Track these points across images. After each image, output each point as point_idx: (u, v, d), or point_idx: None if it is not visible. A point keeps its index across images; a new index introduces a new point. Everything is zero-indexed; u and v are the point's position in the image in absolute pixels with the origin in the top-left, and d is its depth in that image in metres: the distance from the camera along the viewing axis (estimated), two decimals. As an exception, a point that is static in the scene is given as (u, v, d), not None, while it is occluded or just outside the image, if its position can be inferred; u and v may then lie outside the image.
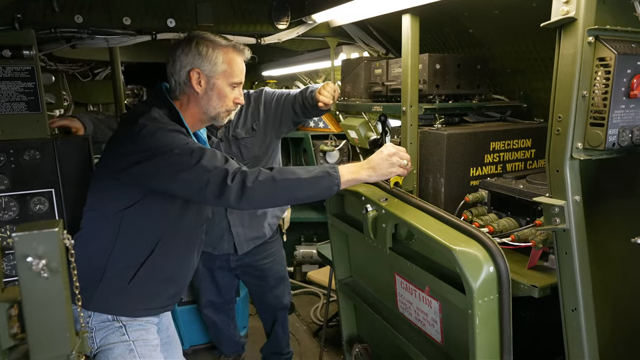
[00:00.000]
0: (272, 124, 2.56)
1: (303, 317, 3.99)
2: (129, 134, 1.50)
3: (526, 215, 1.49)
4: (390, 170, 1.55)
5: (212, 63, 1.58)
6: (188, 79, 1.58)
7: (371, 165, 1.55)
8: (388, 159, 1.55)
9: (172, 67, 1.60)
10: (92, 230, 1.60)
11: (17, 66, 1.92)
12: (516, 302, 1.57)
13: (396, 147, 1.59)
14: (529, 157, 1.83)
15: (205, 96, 1.61)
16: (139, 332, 1.61)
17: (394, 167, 1.55)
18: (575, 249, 1.15)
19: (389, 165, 1.55)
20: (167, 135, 1.46)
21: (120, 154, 1.51)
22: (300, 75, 4.14)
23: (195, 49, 1.57)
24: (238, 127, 2.52)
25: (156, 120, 1.50)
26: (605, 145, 1.10)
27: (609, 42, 1.06)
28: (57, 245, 0.66)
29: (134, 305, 1.62)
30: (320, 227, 4.44)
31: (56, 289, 0.67)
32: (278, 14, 2.33)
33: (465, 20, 1.91)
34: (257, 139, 2.54)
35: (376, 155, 1.57)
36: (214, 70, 1.59)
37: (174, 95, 1.63)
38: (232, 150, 2.52)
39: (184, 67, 1.57)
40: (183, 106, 1.63)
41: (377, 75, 2.05)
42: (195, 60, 1.57)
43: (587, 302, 1.17)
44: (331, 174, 1.49)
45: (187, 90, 1.60)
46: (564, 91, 1.11)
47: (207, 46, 1.58)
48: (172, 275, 1.70)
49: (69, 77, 4.00)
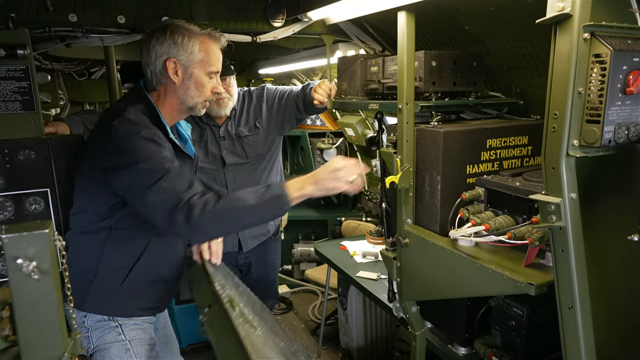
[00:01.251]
0: (275, 121, 2.57)
1: (301, 315, 3.99)
2: (100, 138, 1.47)
3: (523, 213, 1.48)
4: (334, 185, 1.49)
5: (189, 52, 1.54)
6: (164, 69, 1.54)
7: (315, 180, 1.49)
8: (333, 174, 1.49)
9: (147, 58, 1.55)
10: (82, 231, 1.60)
11: (11, 65, 1.90)
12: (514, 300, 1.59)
13: (345, 161, 1.52)
14: (525, 154, 1.83)
15: (182, 86, 1.57)
16: (135, 332, 1.60)
17: (338, 182, 1.48)
18: (571, 246, 1.15)
19: (333, 180, 1.49)
20: (136, 144, 1.42)
21: (92, 158, 1.49)
22: (297, 73, 4.13)
23: (170, 38, 1.52)
24: (240, 125, 2.52)
25: (130, 122, 1.45)
26: (602, 142, 1.09)
27: (605, 39, 1.05)
28: (47, 246, 0.65)
29: (129, 305, 1.61)
30: (318, 225, 4.45)
31: (47, 291, 0.67)
32: (273, 12, 2.32)
33: (461, 17, 1.90)
34: (260, 137, 2.54)
35: (322, 168, 1.52)
36: (190, 59, 1.55)
37: (151, 86, 1.59)
38: (235, 149, 2.52)
39: (160, 57, 1.53)
40: (160, 98, 1.60)
41: (373, 72, 2.04)
42: (171, 50, 1.53)
43: (584, 300, 1.16)
44: (280, 196, 1.45)
45: (164, 80, 1.57)
46: (559, 88, 1.10)
47: (182, 35, 1.53)
48: (165, 274, 1.70)
49: (65, 76, 3.98)
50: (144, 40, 1.57)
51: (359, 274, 2.55)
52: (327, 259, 2.88)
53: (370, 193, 3.57)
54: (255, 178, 2.62)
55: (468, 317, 1.77)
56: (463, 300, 1.76)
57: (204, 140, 2.50)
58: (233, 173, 2.54)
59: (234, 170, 2.54)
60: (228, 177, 2.54)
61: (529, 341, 1.58)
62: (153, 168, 1.40)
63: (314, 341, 3.57)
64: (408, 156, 1.74)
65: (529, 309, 1.56)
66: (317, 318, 3.86)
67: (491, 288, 1.47)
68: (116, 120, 1.46)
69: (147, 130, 1.47)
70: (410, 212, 1.80)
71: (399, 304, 1.94)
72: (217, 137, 2.50)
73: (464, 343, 1.82)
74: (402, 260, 1.84)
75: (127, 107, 1.50)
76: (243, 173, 2.57)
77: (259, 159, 2.60)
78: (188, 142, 1.76)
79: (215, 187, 2.53)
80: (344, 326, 3.10)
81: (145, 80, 1.63)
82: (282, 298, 4.12)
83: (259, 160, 2.61)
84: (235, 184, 2.56)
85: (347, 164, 1.51)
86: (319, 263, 4.19)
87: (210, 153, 2.51)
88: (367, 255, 2.80)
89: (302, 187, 1.48)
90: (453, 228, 1.61)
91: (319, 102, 2.33)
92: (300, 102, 2.49)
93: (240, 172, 2.56)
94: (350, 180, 1.50)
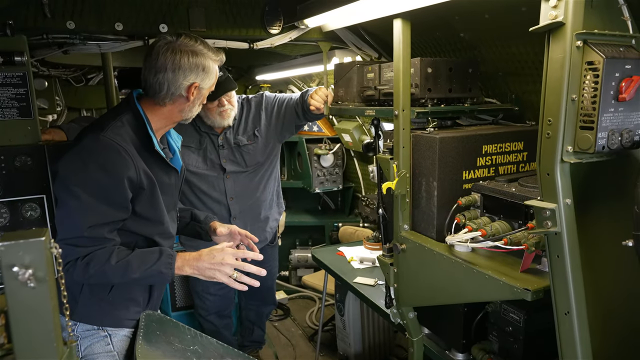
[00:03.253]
0: (275, 129, 2.58)
1: (298, 321, 3.98)
2: (69, 153, 1.50)
3: (519, 218, 1.49)
4: (212, 275, 1.55)
5: (210, 78, 1.60)
6: (186, 91, 1.57)
7: (197, 265, 1.55)
8: (215, 265, 1.54)
9: (170, 76, 1.53)
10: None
11: (8, 72, 1.91)
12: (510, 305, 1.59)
13: (231, 259, 1.56)
14: (521, 160, 1.84)
15: (191, 103, 1.61)
16: (124, 343, 1.60)
17: (217, 273, 1.55)
18: (567, 252, 1.16)
19: (213, 271, 1.55)
20: (91, 174, 1.45)
21: (59, 169, 1.52)
22: (294, 79, 4.14)
23: (201, 64, 1.56)
24: (239, 134, 2.52)
25: (100, 143, 1.47)
26: (595, 148, 1.10)
27: (597, 46, 1.07)
28: (44, 254, 0.65)
29: (117, 315, 1.61)
30: (315, 231, 4.45)
31: (43, 299, 0.67)
32: (270, 19, 2.33)
33: (456, 24, 1.91)
34: (259, 145, 2.55)
35: (208, 254, 1.57)
36: (209, 83, 1.62)
37: (160, 100, 1.58)
38: (234, 157, 2.53)
39: (186, 81, 1.55)
40: (163, 110, 1.61)
41: (370, 79, 2.05)
42: (198, 76, 1.56)
43: (580, 306, 1.17)
44: (163, 273, 1.52)
45: (178, 98, 1.59)
46: (553, 95, 1.12)
47: (207, 61, 1.58)
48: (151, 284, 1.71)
49: (62, 82, 3.98)
50: (166, 57, 1.53)
51: (356, 280, 2.55)
52: (324, 265, 2.88)
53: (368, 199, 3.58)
54: (254, 185, 2.63)
55: (465, 322, 1.77)
56: (460, 306, 1.76)
57: (203, 148, 2.50)
58: (232, 180, 2.55)
59: (233, 177, 2.55)
60: (227, 185, 2.54)
61: (527, 347, 1.58)
62: (83, 208, 1.45)
63: (311, 348, 3.56)
64: (404, 162, 1.74)
65: (526, 315, 1.56)
66: (315, 324, 3.85)
67: (488, 294, 1.47)
68: (88, 138, 1.49)
69: (114, 157, 1.47)
70: (407, 217, 1.80)
71: (396, 310, 1.94)
72: (216, 145, 2.50)
73: (461, 349, 1.82)
74: (399, 266, 1.84)
75: (109, 123, 1.51)
76: (242, 180, 2.58)
77: (257, 167, 2.61)
78: (176, 154, 1.76)
79: (215, 195, 2.53)
80: (342, 332, 3.09)
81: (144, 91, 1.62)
82: (280, 304, 4.10)
83: (258, 168, 2.61)
84: (234, 192, 2.56)
85: (231, 262, 1.55)
86: (316, 269, 4.18)
87: (209, 160, 2.51)
88: (364, 261, 2.79)
89: (182, 267, 1.55)
90: (450, 234, 1.61)
91: (316, 108, 2.35)
92: (300, 109, 2.50)
93: (240, 180, 2.57)
94: (230, 275, 1.55)
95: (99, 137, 1.47)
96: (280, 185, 2.89)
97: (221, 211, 2.56)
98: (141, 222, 1.60)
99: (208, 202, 2.54)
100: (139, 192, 1.54)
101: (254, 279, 1.58)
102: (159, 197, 1.61)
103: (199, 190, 2.53)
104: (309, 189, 4.07)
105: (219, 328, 2.93)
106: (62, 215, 1.49)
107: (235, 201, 2.57)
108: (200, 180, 2.52)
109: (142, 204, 1.57)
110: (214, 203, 2.55)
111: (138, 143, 1.55)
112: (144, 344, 1.58)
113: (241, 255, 1.59)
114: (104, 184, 1.45)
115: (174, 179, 1.71)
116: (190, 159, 2.49)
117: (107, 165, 1.45)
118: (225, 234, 1.90)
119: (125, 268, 1.48)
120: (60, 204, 1.50)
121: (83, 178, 1.44)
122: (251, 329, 3.20)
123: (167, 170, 1.66)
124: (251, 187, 2.62)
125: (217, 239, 1.92)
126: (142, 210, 1.57)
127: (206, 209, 2.53)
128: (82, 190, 1.44)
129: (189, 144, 2.47)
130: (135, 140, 1.54)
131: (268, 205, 2.75)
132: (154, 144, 1.56)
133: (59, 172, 1.49)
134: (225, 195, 2.54)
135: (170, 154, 1.74)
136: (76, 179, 1.45)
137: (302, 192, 4.30)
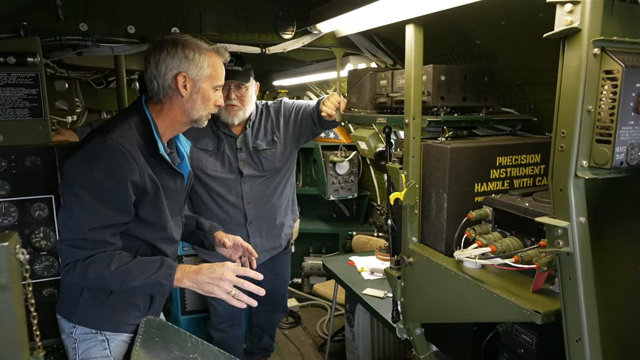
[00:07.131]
0: (292, 135, 2.57)
1: (309, 330, 3.92)
2: (75, 154, 1.49)
3: (531, 235, 1.41)
4: (211, 290, 1.52)
5: (199, 67, 1.57)
6: (174, 82, 1.55)
7: (195, 278, 1.53)
8: (214, 280, 1.52)
9: (154, 70, 1.56)
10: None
11: (21, 73, 1.93)
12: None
13: (231, 275, 1.53)
14: (537, 173, 1.75)
15: (190, 100, 1.59)
16: (122, 348, 1.58)
17: (215, 289, 1.52)
18: (579, 274, 1.07)
19: (212, 286, 1.52)
20: (95, 176, 1.44)
21: (64, 170, 1.53)
22: (311, 85, 4.12)
23: (181, 53, 1.55)
24: (258, 139, 2.52)
25: (106, 146, 1.47)
26: (612, 163, 1.02)
27: (616, 54, 0.99)
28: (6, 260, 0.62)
29: (116, 320, 1.59)
30: (329, 239, 4.39)
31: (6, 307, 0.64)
32: (283, 24, 2.31)
33: (471, 31, 1.85)
34: (277, 151, 2.54)
35: (208, 269, 1.54)
36: (200, 74, 1.58)
37: (157, 99, 1.59)
38: (252, 162, 2.52)
39: (170, 71, 1.55)
40: (164, 110, 1.60)
41: (382, 86, 2.00)
42: (182, 64, 1.55)
43: (592, 333, 1.08)
44: (162, 284, 1.50)
45: (171, 93, 1.58)
46: (567, 105, 1.04)
47: (193, 50, 1.56)
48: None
49: (83, 85, 4.05)
50: (151, 53, 1.57)
51: (365, 292, 2.48)
52: (334, 275, 2.82)
53: (382, 208, 3.50)
54: (271, 191, 2.60)
55: (475, 342, 1.69)
56: (470, 324, 1.68)
57: (221, 151, 2.49)
58: (249, 185, 2.53)
59: (250, 182, 2.53)
60: (244, 189, 2.53)
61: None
62: (85, 210, 1.45)
63: (320, 358, 3.49)
64: (414, 172, 1.68)
65: (539, 337, 1.47)
66: (325, 334, 3.79)
67: (496, 314, 1.39)
68: (95, 140, 1.49)
69: (120, 162, 1.47)
70: (416, 230, 1.74)
71: (403, 325, 1.87)
72: (234, 148, 2.49)
73: (469, 369, 1.74)
74: (407, 280, 1.77)
75: (115, 128, 1.51)
76: (259, 185, 2.56)
77: (275, 173, 2.59)
78: (184, 160, 1.75)
79: (231, 199, 2.52)
80: (351, 343, 3.02)
81: (147, 94, 1.63)
82: (291, 312, 4.06)
83: (275, 173, 2.60)
84: (251, 196, 2.54)
85: (231, 278, 1.53)
86: (328, 277, 4.12)
87: (227, 163, 2.50)
88: (374, 272, 2.73)
89: (181, 279, 1.53)
90: (458, 248, 1.54)
91: (327, 114, 2.31)
92: (315, 117, 2.49)
93: (257, 185, 2.55)
94: (229, 291, 1.53)
95: (106, 139, 1.47)
96: (295, 192, 2.86)
97: (237, 215, 2.54)
98: (144, 227, 1.59)
99: (225, 205, 2.53)
100: (142, 196, 1.53)
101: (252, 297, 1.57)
102: (163, 201, 1.59)
103: (216, 194, 2.52)
104: (324, 196, 4.02)
105: (228, 339, 2.89)
106: (65, 216, 1.49)
107: (251, 206, 2.55)
108: (217, 183, 2.51)
109: (146, 208, 1.56)
110: (231, 207, 2.53)
111: (144, 146, 1.54)
112: (140, 350, 1.55)
113: (242, 273, 1.56)
114: (108, 187, 1.45)
115: (179, 184, 1.70)
116: (209, 162, 2.48)
117: (111, 168, 1.45)
118: (230, 246, 1.88)
119: (124, 275, 1.47)
120: (64, 205, 1.50)
121: (87, 180, 1.44)
122: (260, 336, 3.16)
123: (173, 175, 1.65)
124: (268, 193, 2.59)
125: (221, 251, 1.90)
126: (145, 214, 1.56)
127: (223, 213, 2.52)
128: (86, 192, 1.43)
129: (206, 148, 2.47)
130: (142, 143, 1.54)
131: (283, 212, 2.72)
132: (159, 148, 1.55)
133: (65, 173, 1.50)
134: (242, 200, 2.52)
135: (178, 159, 1.73)
136: (80, 180, 1.44)
137: (317, 199, 4.25)
